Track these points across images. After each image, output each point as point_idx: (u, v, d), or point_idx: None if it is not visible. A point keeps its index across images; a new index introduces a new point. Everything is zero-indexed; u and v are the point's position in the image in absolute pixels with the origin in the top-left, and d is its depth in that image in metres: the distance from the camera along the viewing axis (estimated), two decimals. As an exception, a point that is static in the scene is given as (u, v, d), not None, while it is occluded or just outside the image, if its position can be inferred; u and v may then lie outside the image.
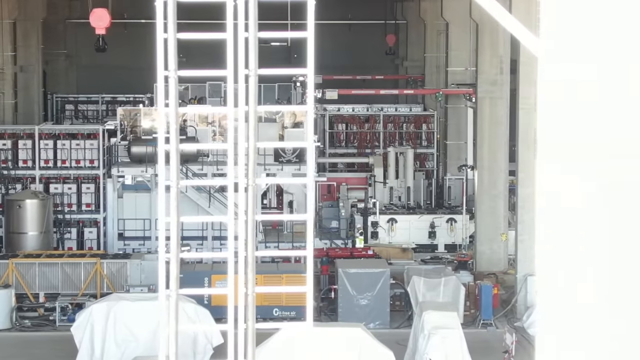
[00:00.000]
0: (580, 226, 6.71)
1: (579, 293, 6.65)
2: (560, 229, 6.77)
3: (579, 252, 6.69)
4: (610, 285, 6.47)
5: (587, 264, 6.61)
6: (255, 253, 6.56)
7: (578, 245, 6.61)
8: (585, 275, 6.70)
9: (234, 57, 6.26)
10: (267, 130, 41.27)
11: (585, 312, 6.65)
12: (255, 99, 6.40)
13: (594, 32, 6.84)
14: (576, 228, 6.73)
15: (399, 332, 30.90)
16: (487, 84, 37.79)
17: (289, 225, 40.20)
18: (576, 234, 6.70)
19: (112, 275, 32.82)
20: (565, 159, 6.67)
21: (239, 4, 6.23)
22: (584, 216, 6.69)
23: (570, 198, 6.59)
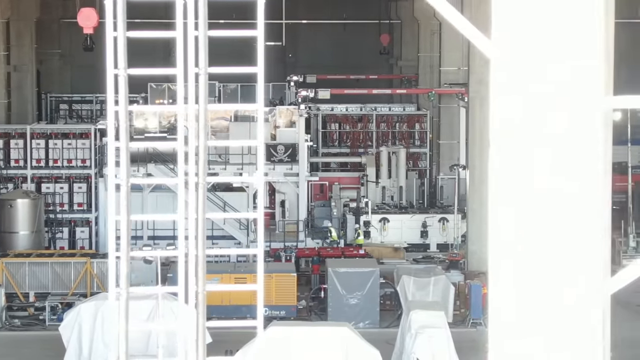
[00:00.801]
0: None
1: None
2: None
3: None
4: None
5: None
6: (206, 251, 6.56)
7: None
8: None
9: (184, 55, 6.27)
10: (259, 129, 41.29)
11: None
12: (206, 98, 6.41)
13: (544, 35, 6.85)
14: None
15: (389, 331, 30.90)
16: (478, 84, 37.79)
17: (280, 225, 40.21)
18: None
19: (102, 274, 32.82)
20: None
21: (189, 3, 6.24)
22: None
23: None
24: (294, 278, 32.36)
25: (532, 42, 6.69)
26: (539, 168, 6.62)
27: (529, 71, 6.72)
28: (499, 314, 6.94)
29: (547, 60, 6.64)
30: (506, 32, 6.78)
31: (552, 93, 6.68)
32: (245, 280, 32.16)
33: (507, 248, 6.86)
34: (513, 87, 6.83)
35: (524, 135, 6.77)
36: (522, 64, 6.73)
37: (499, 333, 6.92)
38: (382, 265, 35.48)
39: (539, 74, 6.68)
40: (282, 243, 38.51)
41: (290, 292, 32.10)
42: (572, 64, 6.63)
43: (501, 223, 6.94)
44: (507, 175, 6.85)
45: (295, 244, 38.69)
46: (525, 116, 6.78)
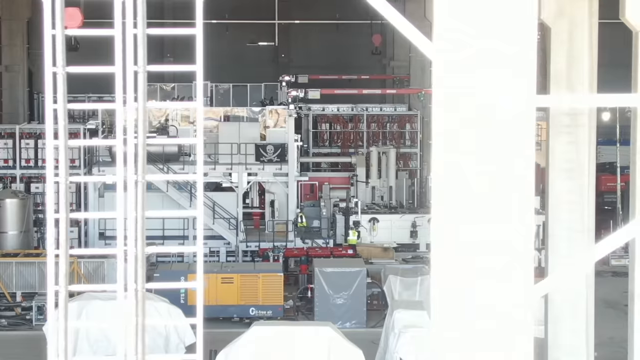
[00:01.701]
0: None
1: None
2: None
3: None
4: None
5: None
6: (145, 250, 6.57)
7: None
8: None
9: (122, 53, 6.28)
10: (249, 129, 41.34)
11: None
12: (145, 96, 6.41)
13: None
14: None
15: (376, 331, 30.88)
16: (467, 84, 37.81)
17: (270, 225, 40.21)
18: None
19: (89, 274, 32.80)
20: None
21: (127, 1, 6.24)
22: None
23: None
24: (280, 278, 32.36)
25: (469, 44, 6.71)
26: (470, 166, 6.63)
27: (465, 71, 6.74)
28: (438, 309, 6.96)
29: (482, 61, 6.67)
30: (446, 35, 6.81)
31: (486, 92, 6.70)
32: (232, 280, 32.18)
33: (445, 249, 6.87)
34: (451, 86, 6.85)
35: (460, 133, 6.79)
36: (458, 64, 6.75)
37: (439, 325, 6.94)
38: (371, 265, 35.49)
39: (474, 74, 6.70)
40: (271, 243, 38.52)
41: (277, 292, 32.10)
42: (506, 65, 6.65)
43: (438, 223, 6.94)
44: (445, 177, 6.86)
45: (285, 244, 38.70)
46: (461, 113, 6.80)
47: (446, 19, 6.87)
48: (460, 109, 6.90)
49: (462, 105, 6.90)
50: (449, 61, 6.89)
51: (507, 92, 6.78)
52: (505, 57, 6.76)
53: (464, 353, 6.94)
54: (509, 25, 6.79)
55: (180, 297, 31.85)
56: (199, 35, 6.27)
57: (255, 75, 55.81)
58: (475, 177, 6.76)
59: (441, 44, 6.84)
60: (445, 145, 6.90)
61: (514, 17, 6.73)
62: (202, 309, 6.54)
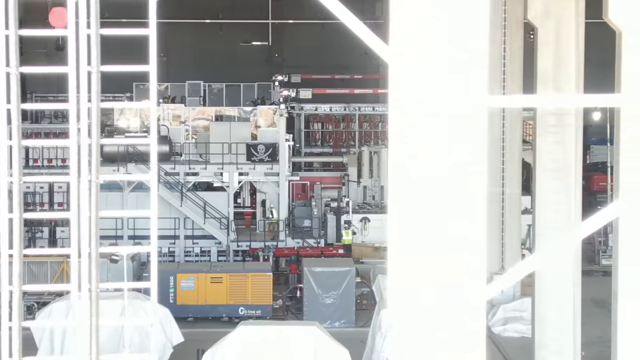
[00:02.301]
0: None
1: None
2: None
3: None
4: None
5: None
6: (99, 249, 6.59)
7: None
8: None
9: (76, 53, 6.29)
10: (240, 129, 41.36)
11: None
12: (98, 96, 6.43)
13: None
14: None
15: (365, 330, 30.87)
16: (458, 83, 37.83)
17: (261, 224, 40.23)
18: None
19: (78, 274, 32.77)
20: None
21: (80, 2, 6.26)
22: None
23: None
24: (269, 277, 32.37)
25: (423, 45, 6.74)
26: (421, 166, 6.66)
27: (419, 71, 6.77)
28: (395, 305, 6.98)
29: (436, 61, 6.69)
30: (400, 37, 6.84)
31: (440, 93, 6.73)
32: (221, 280, 32.20)
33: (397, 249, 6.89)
34: (406, 86, 6.88)
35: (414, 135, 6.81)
36: (413, 66, 6.78)
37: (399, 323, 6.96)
38: (362, 265, 35.50)
39: (428, 74, 6.73)
40: (262, 243, 38.54)
41: (266, 291, 32.11)
42: (458, 67, 6.68)
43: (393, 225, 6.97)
44: (399, 177, 6.89)
45: (276, 243, 38.72)
46: (415, 111, 6.82)
47: (402, 23, 6.90)
48: (415, 111, 6.92)
49: (417, 108, 6.92)
50: (405, 64, 6.92)
51: (459, 94, 6.80)
52: (459, 63, 6.78)
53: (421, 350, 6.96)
54: (462, 32, 6.81)
55: (170, 297, 31.89)
56: (152, 36, 6.29)
57: (249, 74, 55.83)
58: (427, 178, 6.78)
59: (397, 47, 6.87)
60: (399, 147, 6.92)
61: (467, 23, 6.76)
62: (156, 309, 6.54)
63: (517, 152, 33.23)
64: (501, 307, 31.96)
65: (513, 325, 31.11)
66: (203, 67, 59.05)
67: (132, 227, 39.07)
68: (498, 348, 30.10)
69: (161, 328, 27.15)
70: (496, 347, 30.23)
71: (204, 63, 59.67)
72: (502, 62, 32.48)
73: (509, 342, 30.46)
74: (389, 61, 7.13)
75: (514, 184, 32.83)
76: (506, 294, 32.87)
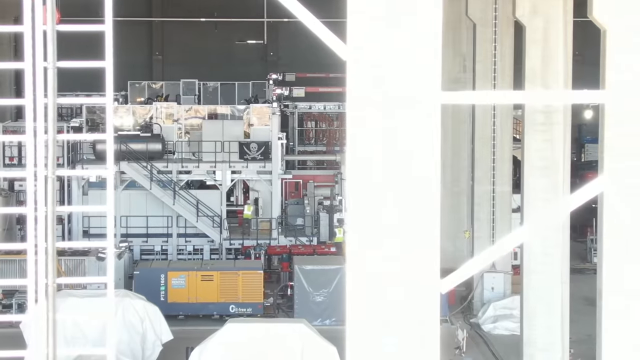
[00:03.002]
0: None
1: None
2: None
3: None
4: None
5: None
6: (56, 244, 6.64)
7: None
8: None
9: (32, 49, 6.34)
10: (233, 127, 41.41)
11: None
12: (54, 91, 6.47)
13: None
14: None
15: (355, 328, 30.98)
16: (450, 82, 37.84)
17: (254, 222, 40.26)
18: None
19: (70, 272, 32.83)
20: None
21: None
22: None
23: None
24: (260, 275, 32.42)
25: (376, 44, 6.80)
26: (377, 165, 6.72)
27: (375, 69, 6.83)
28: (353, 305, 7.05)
29: (389, 60, 6.75)
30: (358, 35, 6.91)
31: (395, 90, 6.79)
32: (212, 278, 32.26)
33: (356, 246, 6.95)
34: (363, 84, 6.94)
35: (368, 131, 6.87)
36: (368, 64, 6.85)
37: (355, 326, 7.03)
38: (353, 263, 35.51)
39: (381, 72, 6.79)
40: (255, 241, 38.59)
41: (257, 289, 32.16)
42: (410, 64, 6.74)
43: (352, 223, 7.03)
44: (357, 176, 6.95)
45: (269, 241, 38.77)
46: (371, 109, 6.88)
47: (360, 23, 6.96)
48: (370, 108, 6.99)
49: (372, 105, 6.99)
50: (361, 63, 6.99)
51: (415, 92, 6.86)
52: (413, 61, 6.84)
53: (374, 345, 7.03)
54: (415, 32, 6.87)
55: (161, 295, 31.95)
56: (108, 32, 6.34)
57: (244, 73, 55.86)
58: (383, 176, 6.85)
59: (354, 46, 6.94)
60: (356, 146, 6.99)
61: (419, 25, 6.82)
62: (113, 303, 6.59)
63: (508, 150, 33.28)
64: (491, 304, 32.02)
65: (503, 323, 31.17)
66: (198, 65, 59.08)
67: (125, 226, 39.12)
68: (487, 345, 30.16)
69: (151, 326, 27.19)
70: (486, 345, 30.29)
71: (200, 61, 59.69)
72: (492, 60, 32.53)
73: (499, 340, 30.51)
74: (347, 59, 7.19)
75: (504, 182, 32.88)
76: (497, 291, 32.93)
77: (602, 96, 16.14)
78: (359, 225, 6.87)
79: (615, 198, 19.11)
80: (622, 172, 15.92)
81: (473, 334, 31.09)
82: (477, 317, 32.33)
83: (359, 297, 6.95)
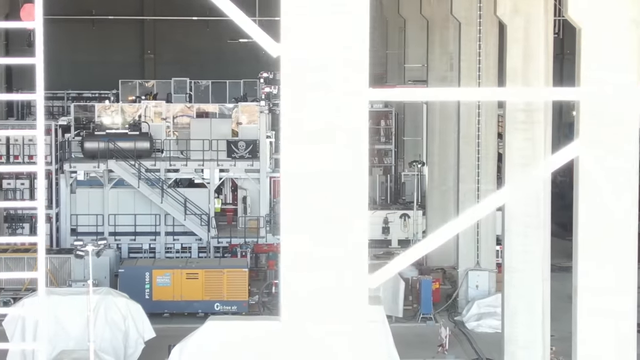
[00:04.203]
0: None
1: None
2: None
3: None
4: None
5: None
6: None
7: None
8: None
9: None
10: (221, 126, 41.47)
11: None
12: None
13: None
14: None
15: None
16: (437, 81, 37.97)
17: (242, 221, 40.36)
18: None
19: (55, 270, 32.95)
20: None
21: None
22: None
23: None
24: (245, 273, 32.50)
25: (308, 43, 6.90)
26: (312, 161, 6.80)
27: (304, 66, 6.92)
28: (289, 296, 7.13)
29: (319, 57, 6.84)
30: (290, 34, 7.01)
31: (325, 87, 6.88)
32: (197, 276, 32.35)
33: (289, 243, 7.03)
34: (294, 82, 7.02)
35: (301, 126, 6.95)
36: (299, 61, 6.93)
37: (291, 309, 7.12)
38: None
39: (311, 70, 6.88)
40: (243, 239, 38.66)
41: (242, 287, 32.24)
42: (339, 62, 6.83)
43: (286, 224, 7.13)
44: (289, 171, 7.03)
45: (256, 239, 38.85)
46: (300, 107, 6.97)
47: (292, 21, 7.04)
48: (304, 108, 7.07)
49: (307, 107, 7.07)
50: (294, 60, 7.07)
51: (344, 90, 6.95)
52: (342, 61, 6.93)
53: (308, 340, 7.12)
54: (344, 34, 6.95)
55: (146, 293, 32.03)
56: (38, 28, 6.41)
57: (237, 71, 55.96)
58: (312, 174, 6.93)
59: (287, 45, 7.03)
60: (289, 145, 7.07)
61: (347, 26, 6.90)
62: (43, 301, 6.66)
63: (493, 148, 33.37)
64: (476, 302, 32.10)
65: (487, 321, 31.25)
66: (190, 64, 59.22)
67: (113, 224, 39.20)
68: (470, 343, 30.25)
69: (134, 324, 27.26)
70: (469, 342, 30.38)
71: (192, 60, 59.82)
72: (477, 58, 32.62)
73: (483, 337, 30.59)
74: (279, 57, 7.27)
75: (489, 180, 32.96)
76: (481, 289, 33.01)
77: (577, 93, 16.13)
78: (290, 218, 6.96)
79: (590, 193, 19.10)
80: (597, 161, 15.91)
81: (457, 332, 31.18)
82: (461, 315, 32.42)
83: (292, 290, 7.05)
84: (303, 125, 6.95)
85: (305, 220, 6.90)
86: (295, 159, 6.93)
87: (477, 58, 32.44)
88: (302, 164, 6.89)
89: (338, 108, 6.81)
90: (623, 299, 19.64)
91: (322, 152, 6.88)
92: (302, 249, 6.90)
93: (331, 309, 6.81)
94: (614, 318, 19.84)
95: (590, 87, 19.47)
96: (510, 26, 26.08)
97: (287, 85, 7.15)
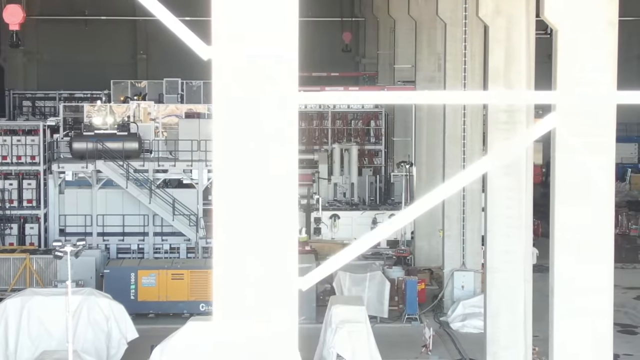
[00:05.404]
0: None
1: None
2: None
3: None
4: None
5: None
6: None
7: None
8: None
9: None
10: (209, 126, 41.48)
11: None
12: None
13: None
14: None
15: (325, 327, 31.08)
16: (425, 81, 37.99)
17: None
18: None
19: (41, 270, 32.97)
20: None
21: None
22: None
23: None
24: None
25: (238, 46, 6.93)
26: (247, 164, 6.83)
27: (235, 68, 6.94)
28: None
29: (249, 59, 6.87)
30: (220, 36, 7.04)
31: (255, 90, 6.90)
32: (182, 277, 32.37)
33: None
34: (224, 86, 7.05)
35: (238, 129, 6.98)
36: (229, 64, 6.96)
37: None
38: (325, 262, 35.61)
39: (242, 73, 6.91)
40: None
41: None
42: (269, 65, 6.86)
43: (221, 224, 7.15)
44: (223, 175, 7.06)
45: (245, 240, 38.77)
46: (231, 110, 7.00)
47: (224, 20, 7.08)
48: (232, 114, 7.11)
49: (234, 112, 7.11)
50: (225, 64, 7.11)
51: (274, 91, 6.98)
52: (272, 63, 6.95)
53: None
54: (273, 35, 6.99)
55: (131, 294, 32.05)
56: None
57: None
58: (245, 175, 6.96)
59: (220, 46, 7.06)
60: (222, 144, 7.10)
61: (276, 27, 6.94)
62: None
63: (478, 149, 33.38)
64: (461, 303, 32.12)
65: (472, 321, 31.26)
66: (183, 64, 59.19)
67: (102, 224, 39.20)
68: (455, 343, 30.26)
69: (116, 325, 27.28)
70: (453, 343, 30.40)
71: (184, 60, 59.77)
72: (462, 59, 32.65)
73: (467, 338, 30.61)
74: (211, 59, 7.31)
75: (474, 180, 32.97)
76: (467, 289, 33.03)
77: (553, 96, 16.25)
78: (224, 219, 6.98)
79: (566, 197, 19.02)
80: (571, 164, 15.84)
81: (441, 332, 31.20)
82: (446, 316, 32.44)
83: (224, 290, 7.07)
84: (234, 129, 6.98)
85: (237, 223, 6.94)
86: (227, 163, 6.96)
87: (462, 59, 32.48)
88: (234, 168, 6.91)
89: (268, 111, 6.84)
90: (600, 297, 19.72)
91: (253, 155, 6.91)
92: (235, 250, 6.94)
93: (260, 311, 6.83)
94: (591, 317, 19.92)
95: (567, 89, 19.52)
96: (493, 27, 26.12)
97: (218, 89, 7.18)
